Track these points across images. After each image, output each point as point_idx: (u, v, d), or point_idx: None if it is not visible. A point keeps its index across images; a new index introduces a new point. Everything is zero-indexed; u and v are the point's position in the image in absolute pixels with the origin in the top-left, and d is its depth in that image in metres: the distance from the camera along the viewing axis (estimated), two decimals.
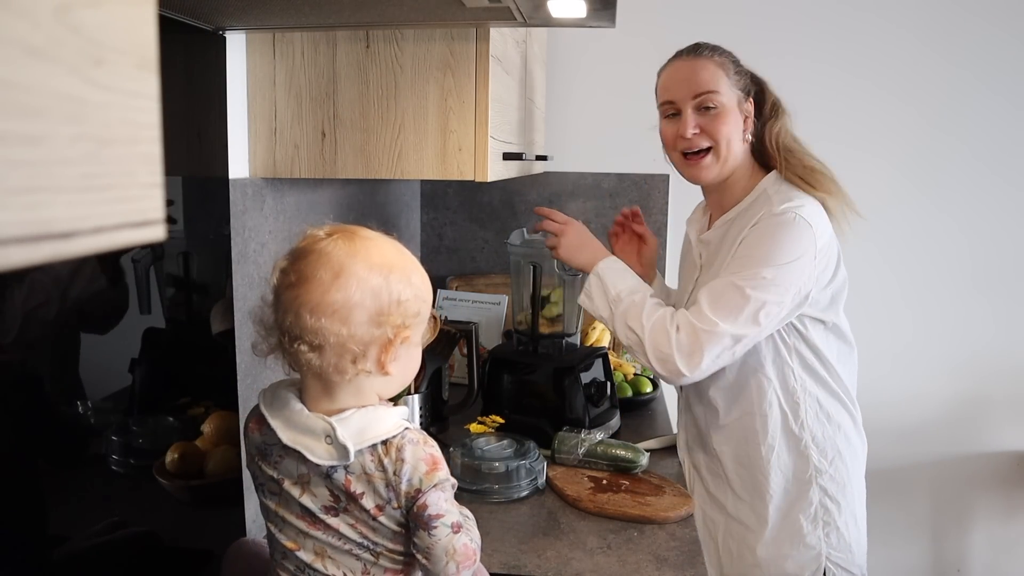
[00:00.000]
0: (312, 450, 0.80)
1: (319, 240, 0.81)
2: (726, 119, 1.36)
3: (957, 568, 2.37)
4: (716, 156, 1.38)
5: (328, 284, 0.77)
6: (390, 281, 0.79)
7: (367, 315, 0.78)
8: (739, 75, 1.40)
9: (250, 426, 0.88)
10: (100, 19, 0.25)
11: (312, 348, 0.78)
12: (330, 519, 0.82)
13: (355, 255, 0.79)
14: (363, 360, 0.80)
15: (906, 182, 2.27)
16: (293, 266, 0.80)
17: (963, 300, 2.29)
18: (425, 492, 0.80)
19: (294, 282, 0.79)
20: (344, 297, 0.77)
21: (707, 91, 1.35)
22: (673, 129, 1.40)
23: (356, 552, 0.83)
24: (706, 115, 1.36)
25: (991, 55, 2.20)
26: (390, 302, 0.79)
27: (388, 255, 0.81)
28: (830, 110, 2.23)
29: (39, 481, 0.85)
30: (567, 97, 2.31)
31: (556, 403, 1.62)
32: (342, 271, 0.78)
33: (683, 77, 1.38)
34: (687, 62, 1.39)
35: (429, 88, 1.21)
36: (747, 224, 1.34)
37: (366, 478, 0.80)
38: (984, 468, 2.37)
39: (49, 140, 0.24)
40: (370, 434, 0.80)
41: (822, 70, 2.23)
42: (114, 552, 0.95)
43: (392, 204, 2.10)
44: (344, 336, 0.78)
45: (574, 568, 1.15)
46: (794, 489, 1.38)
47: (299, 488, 0.83)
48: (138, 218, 0.28)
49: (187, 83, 1.10)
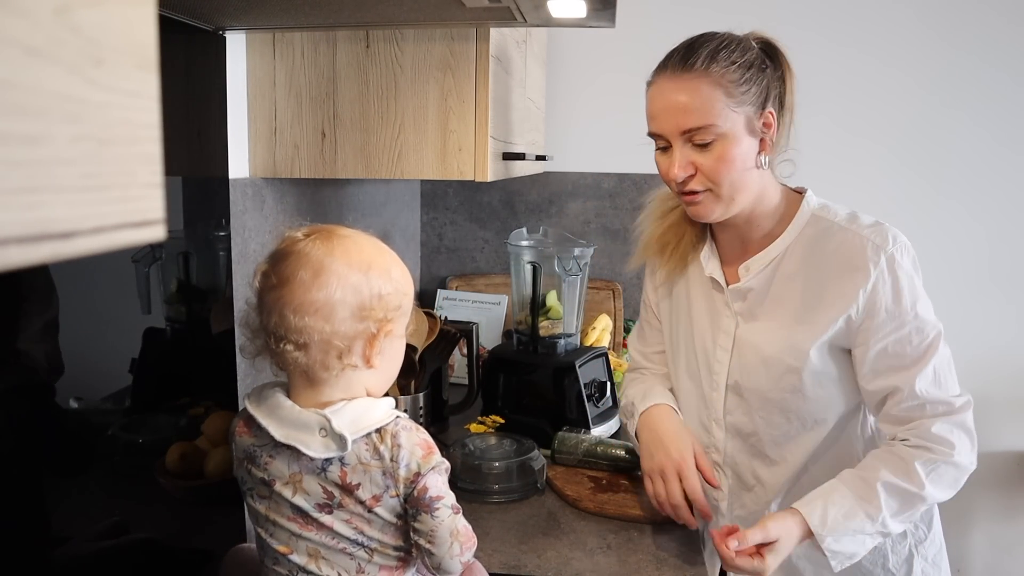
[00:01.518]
0: (307, 444, 0.80)
1: (297, 241, 0.82)
2: (726, 156, 1.08)
3: (957, 568, 2.37)
4: (717, 197, 1.12)
5: (309, 283, 0.79)
6: (370, 277, 0.81)
7: (349, 311, 0.80)
8: (748, 83, 1.09)
9: (237, 430, 0.88)
10: (100, 19, 0.25)
11: (298, 347, 0.80)
12: (324, 517, 0.82)
13: (333, 253, 0.81)
14: (348, 355, 0.81)
15: (907, 182, 2.27)
16: (273, 268, 0.82)
17: (963, 301, 2.29)
18: (424, 475, 0.81)
19: (276, 284, 0.81)
20: (326, 295, 0.79)
21: (698, 126, 1.08)
22: (665, 163, 1.14)
23: (350, 550, 0.83)
24: (702, 151, 1.09)
25: (1001, 39, 2.20)
26: (371, 297, 0.81)
27: (366, 251, 0.83)
28: (831, 100, 2.23)
29: (39, 481, 0.85)
30: (567, 97, 2.31)
31: (556, 403, 1.62)
32: (322, 270, 0.79)
33: (668, 105, 1.10)
34: (673, 81, 1.10)
35: (429, 88, 1.21)
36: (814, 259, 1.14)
37: (362, 468, 0.81)
38: (984, 468, 2.36)
39: (49, 140, 0.24)
40: (364, 423, 0.81)
41: (824, 63, 2.23)
42: (113, 552, 0.95)
43: (392, 204, 2.10)
44: (328, 333, 0.79)
45: (574, 568, 1.15)
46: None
47: (291, 488, 0.83)
48: (138, 218, 0.28)
49: (187, 83, 1.10)
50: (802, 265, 1.16)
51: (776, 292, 1.18)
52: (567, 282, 1.68)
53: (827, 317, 1.12)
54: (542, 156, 1.82)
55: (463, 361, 2.00)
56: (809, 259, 1.15)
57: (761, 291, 1.19)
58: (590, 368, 1.67)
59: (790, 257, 1.17)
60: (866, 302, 1.10)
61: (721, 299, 1.24)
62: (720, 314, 1.24)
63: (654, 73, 1.16)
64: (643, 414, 1.30)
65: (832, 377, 1.17)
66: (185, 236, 1.11)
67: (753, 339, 1.20)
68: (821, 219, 1.17)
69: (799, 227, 1.17)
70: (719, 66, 1.08)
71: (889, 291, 1.10)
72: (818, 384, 1.16)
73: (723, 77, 1.08)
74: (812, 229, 1.16)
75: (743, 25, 1.22)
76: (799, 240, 1.17)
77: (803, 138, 1.38)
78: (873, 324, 1.11)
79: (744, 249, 1.22)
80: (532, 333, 1.69)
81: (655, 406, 1.29)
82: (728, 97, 1.08)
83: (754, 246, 1.20)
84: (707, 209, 1.13)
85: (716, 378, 1.25)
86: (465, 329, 1.65)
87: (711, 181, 1.10)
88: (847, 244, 1.12)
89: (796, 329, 1.15)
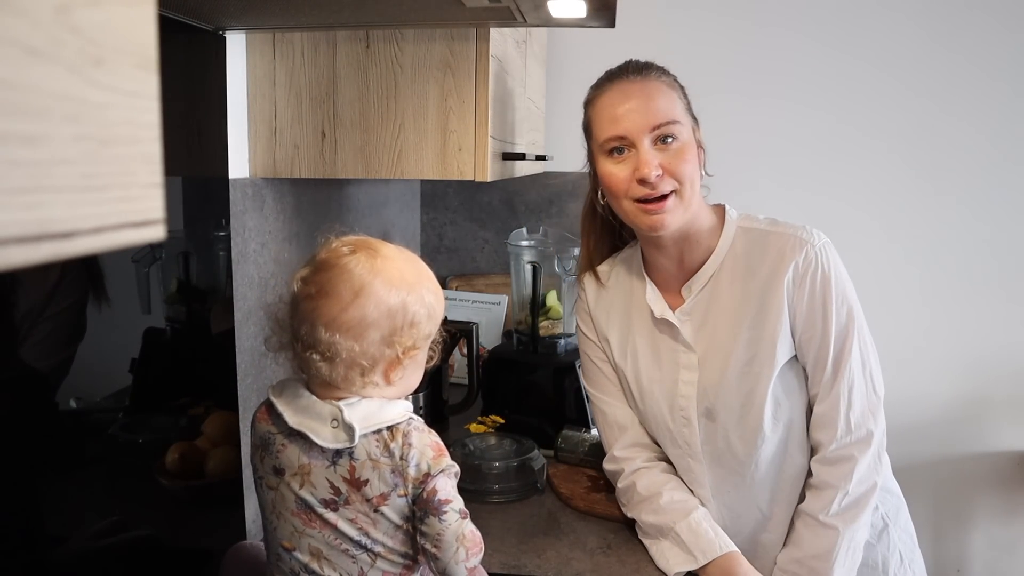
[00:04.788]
0: (318, 433, 0.81)
1: (342, 255, 0.82)
2: (687, 154, 1.12)
3: (957, 568, 2.37)
4: (680, 198, 1.12)
5: (348, 302, 0.79)
6: (407, 304, 0.81)
7: (380, 335, 0.81)
8: (687, 99, 1.18)
9: (257, 416, 0.89)
10: (100, 19, 0.25)
11: (324, 359, 0.80)
12: (328, 514, 0.82)
13: (376, 274, 0.81)
14: (371, 373, 0.82)
15: (907, 183, 2.27)
16: (314, 277, 0.82)
17: (963, 301, 2.29)
18: (434, 476, 0.81)
19: (314, 294, 0.81)
20: (361, 316, 0.79)
21: (668, 121, 1.11)
22: (623, 171, 1.13)
23: (353, 552, 0.83)
24: (667, 149, 1.12)
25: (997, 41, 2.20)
26: (404, 324, 0.81)
27: (408, 276, 0.83)
28: (830, 103, 2.23)
29: (39, 481, 0.85)
30: (567, 97, 2.30)
31: (556, 403, 1.62)
32: (362, 290, 0.80)
33: (635, 105, 1.12)
34: (636, 84, 1.14)
35: (429, 88, 1.21)
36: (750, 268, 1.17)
37: (371, 464, 0.81)
38: (984, 468, 2.36)
39: (49, 140, 0.24)
40: (376, 419, 0.82)
41: (824, 65, 2.23)
42: (113, 552, 0.95)
43: (392, 204, 2.10)
44: (356, 353, 0.80)
45: (574, 568, 1.15)
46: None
47: (299, 480, 0.83)
48: (138, 218, 0.28)
49: (187, 83, 1.10)
50: (741, 273, 1.18)
51: (723, 305, 1.19)
52: (567, 282, 1.68)
53: (774, 315, 1.15)
54: (542, 156, 1.82)
55: (463, 361, 2.00)
56: (745, 267, 1.18)
57: (708, 307, 1.20)
58: None
59: (727, 268, 1.19)
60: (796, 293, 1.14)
61: (671, 339, 1.22)
62: (675, 352, 1.22)
63: (601, 84, 1.19)
64: (712, 564, 1.15)
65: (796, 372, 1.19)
66: (185, 236, 1.11)
67: (714, 358, 1.19)
68: (747, 229, 1.20)
69: (729, 239, 1.19)
70: (668, 77, 1.17)
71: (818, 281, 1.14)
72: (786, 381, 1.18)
73: (672, 85, 1.17)
74: (741, 239, 1.19)
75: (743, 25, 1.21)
76: (731, 251, 1.19)
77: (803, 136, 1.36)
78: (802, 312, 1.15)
79: (681, 272, 1.22)
80: (532, 333, 1.69)
81: (726, 555, 1.15)
82: (680, 101, 1.16)
83: (693, 266, 1.21)
84: (671, 216, 1.12)
85: (686, 414, 1.21)
86: (465, 329, 1.65)
87: (677, 179, 1.12)
88: (775, 245, 1.16)
89: (751, 335, 1.16)
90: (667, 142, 1.12)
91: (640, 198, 1.13)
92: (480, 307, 2.23)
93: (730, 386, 1.18)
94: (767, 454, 1.20)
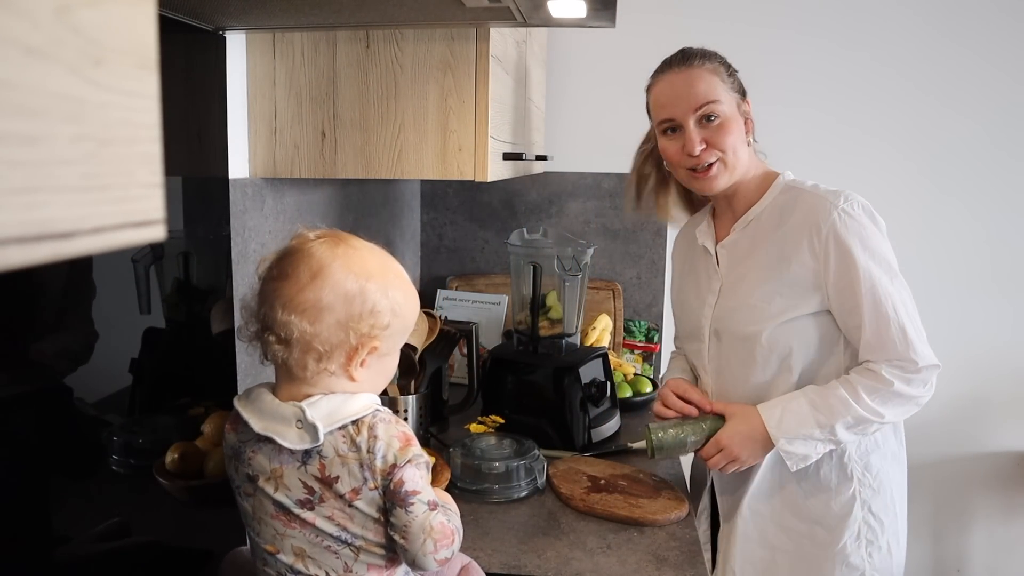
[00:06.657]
0: (283, 435, 0.81)
1: (307, 240, 0.84)
2: (730, 128, 1.32)
3: (957, 568, 2.37)
4: (724, 165, 1.33)
5: (304, 283, 0.80)
6: (366, 291, 0.81)
7: (335, 319, 0.81)
8: (732, 76, 1.36)
9: (227, 427, 0.90)
10: (100, 19, 0.25)
11: (279, 340, 0.81)
12: (305, 514, 0.83)
13: (336, 258, 0.82)
14: (327, 360, 0.82)
15: (908, 181, 2.27)
16: (277, 261, 0.83)
17: (963, 301, 2.29)
18: (401, 467, 0.81)
19: (275, 276, 0.82)
20: (316, 297, 0.80)
21: (707, 101, 1.31)
22: (676, 146, 1.35)
23: (335, 548, 0.83)
24: (709, 127, 1.32)
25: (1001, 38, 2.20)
26: (362, 311, 0.81)
27: (369, 264, 0.83)
28: (832, 99, 2.23)
29: (39, 481, 0.85)
30: (567, 97, 2.31)
31: (556, 403, 1.62)
32: (320, 272, 0.80)
33: (679, 91, 1.33)
34: (680, 74, 1.33)
35: (429, 88, 1.21)
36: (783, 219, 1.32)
37: (340, 460, 0.81)
38: (984, 468, 2.36)
39: (49, 140, 0.24)
40: (339, 415, 0.82)
41: (824, 63, 2.23)
42: (113, 552, 0.94)
43: (392, 204, 2.10)
44: (310, 334, 0.80)
45: (574, 568, 1.15)
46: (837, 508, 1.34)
47: (272, 484, 0.83)
48: (138, 218, 0.28)
49: (187, 83, 1.10)
50: (774, 223, 1.35)
51: (756, 248, 1.37)
52: (567, 282, 1.68)
53: (794, 267, 1.30)
54: (542, 156, 1.82)
55: (463, 361, 2.00)
56: (779, 218, 1.35)
57: (740, 249, 1.39)
58: (590, 368, 1.67)
59: (766, 217, 1.37)
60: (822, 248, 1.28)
61: (710, 264, 1.44)
62: (709, 278, 1.44)
63: (655, 76, 1.39)
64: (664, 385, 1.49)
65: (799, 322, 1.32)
66: (185, 236, 1.11)
67: (733, 288, 1.38)
68: (791, 187, 1.37)
69: (773, 194, 1.38)
70: (711, 62, 1.35)
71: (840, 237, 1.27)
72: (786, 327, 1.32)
73: (715, 70, 1.34)
74: (784, 196, 1.37)
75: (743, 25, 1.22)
76: (773, 204, 1.37)
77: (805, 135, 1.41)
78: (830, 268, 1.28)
79: (734, 216, 1.43)
80: (532, 333, 1.69)
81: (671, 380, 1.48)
82: (723, 82, 1.34)
83: (741, 212, 1.42)
84: (717, 181, 1.34)
85: (701, 330, 1.43)
86: (465, 329, 1.65)
87: (720, 149, 1.32)
88: (808, 203, 1.32)
89: (768, 276, 1.33)
90: (711, 120, 1.32)
91: (690, 167, 1.34)
92: (480, 307, 2.23)
93: (739, 316, 1.36)
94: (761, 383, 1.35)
